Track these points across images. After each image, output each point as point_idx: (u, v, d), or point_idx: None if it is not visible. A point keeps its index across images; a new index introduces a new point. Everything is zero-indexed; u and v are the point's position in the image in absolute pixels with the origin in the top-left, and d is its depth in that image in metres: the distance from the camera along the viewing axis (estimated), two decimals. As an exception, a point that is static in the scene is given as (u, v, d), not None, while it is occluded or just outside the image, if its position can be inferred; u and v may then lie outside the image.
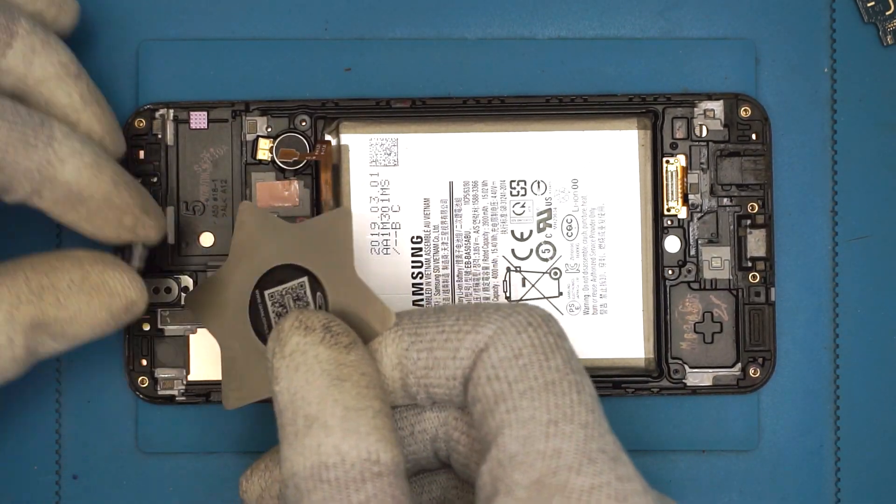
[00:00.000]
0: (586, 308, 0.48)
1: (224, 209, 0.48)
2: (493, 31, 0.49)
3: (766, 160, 0.48)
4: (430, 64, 0.49)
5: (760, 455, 0.49)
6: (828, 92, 0.49)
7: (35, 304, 0.41)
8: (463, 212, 0.48)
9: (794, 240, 0.49)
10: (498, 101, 0.48)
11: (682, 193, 0.48)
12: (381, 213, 0.48)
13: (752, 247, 0.48)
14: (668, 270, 0.48)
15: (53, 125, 0.41)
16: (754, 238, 0.48)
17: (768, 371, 0.48)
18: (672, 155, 0.48)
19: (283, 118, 0.48)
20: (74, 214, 0.42)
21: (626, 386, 0.48)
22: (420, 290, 0.48)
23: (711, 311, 0.48)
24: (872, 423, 0.49)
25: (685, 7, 0.49)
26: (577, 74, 0.49)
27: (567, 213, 0.48)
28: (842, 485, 0.49)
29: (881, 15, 0.49)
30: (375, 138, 0.48)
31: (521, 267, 0.48)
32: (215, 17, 0.49)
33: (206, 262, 0.48)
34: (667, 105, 0.48)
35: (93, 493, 0.49)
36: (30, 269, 0.42)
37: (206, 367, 0.48)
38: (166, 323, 0.48)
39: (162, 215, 0.45)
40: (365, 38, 0.49)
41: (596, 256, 0.48)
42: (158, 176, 0.48)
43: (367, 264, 0.48)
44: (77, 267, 0.42)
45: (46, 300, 0.41)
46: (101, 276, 0.42)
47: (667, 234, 0.48)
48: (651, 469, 0.49)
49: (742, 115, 0.48)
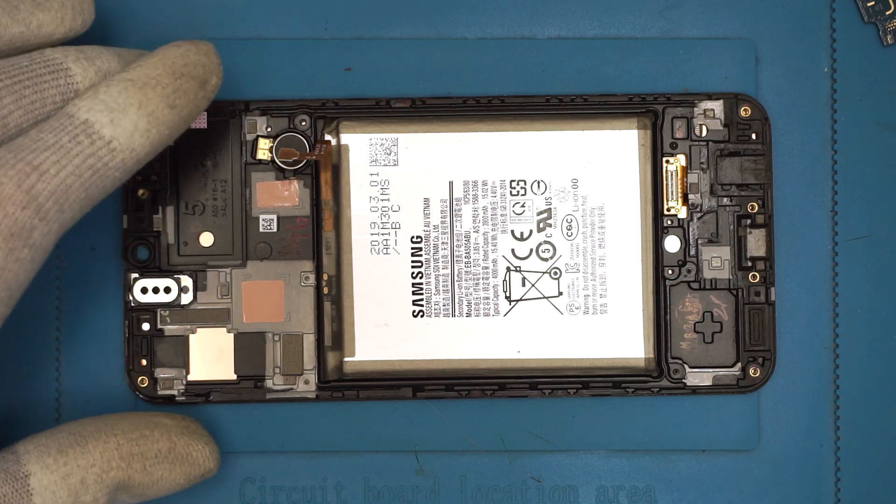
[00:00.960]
0: (586, 308, 0.48)
1: (224, 209, 0.48)
2: (493, 31, 0.49)
3: (766, 160, 0.48)
4: (430, 64, 0.49)
5: (760, 455, 0.49)
6: (828, 92, 0.49)
7: (124, 471, 0.44)
8: (463, 211, 0.48)
9: (793, 240, 0.49)
10: (498, 100, 0.48)
11: (681, 193, 0.48)
12: (380, 213, 0.48)
13: (752, 246, 0.48)
14: (667, 270, 0.48)
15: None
16: (754, 238, 0.48)
17: (768, 371, 0.48)
18: (672, 155, 0.48)
19: (282, 118, 0.48)
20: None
21: (626, 386, 0.48)
22: (420, 289, 0.48)
23: (711, 311, 0.48)
24: (872, 423, 0.49)
25: (685, 7, 0.49)
26: (577, 74, 0.49)
27: (567, 212, 0.48)
28: (842, 485, 0.49)
29: (881, 15, 0.49)
30: (375, 138, 0.48)
31: (520, 267, 0.48)
32: (215, 17, 0.49)
33: (205, 261, 0.48)
34: (666, 105, 0.48)
35: None
36: (121, 434, 0.44)
37: (206, 368, 0.48)
38: (166, 323, 0.48)
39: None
40: (365, 38, 0.49)
41: (596, 256, 0.48)
42: (158, 175, 0.48)
43: (367, 264, 0.48)
44: (165, 437, 0.45)
45: (134, 467, 0.44)
46: (187, 448, 0.45)
47: (667, 233, 0.48)
48: (651, 469, 0.49)
49: (742, 114, 0.48)
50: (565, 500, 0.49)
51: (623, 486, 0.49)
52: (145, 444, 0.44)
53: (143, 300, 0.48)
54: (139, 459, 0.44)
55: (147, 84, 0.41)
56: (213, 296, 0.48)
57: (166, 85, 0.41)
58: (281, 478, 0.49)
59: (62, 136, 0.40)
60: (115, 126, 0.40)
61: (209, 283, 0.48)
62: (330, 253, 0.48)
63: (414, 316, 0.48)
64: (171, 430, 0.45)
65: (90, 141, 0.40)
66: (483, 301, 0.48)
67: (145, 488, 0.44)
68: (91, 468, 0.43)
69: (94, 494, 0.43)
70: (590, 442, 0.49)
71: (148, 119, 0.41)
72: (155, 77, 0.41)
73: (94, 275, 0.49)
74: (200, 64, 0.43)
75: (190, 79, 0.42)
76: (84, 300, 0.49)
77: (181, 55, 0.42)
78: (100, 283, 0.49)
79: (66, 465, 0.42)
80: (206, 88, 0.43)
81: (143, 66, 0.42)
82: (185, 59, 0.42)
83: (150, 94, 0.41)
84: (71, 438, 0.43)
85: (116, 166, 0.40)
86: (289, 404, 0.49)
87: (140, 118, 0.41)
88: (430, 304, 0.48)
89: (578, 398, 0.48)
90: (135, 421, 0.45)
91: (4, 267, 0.38)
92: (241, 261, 0.48)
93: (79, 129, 0.40)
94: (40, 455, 0.43)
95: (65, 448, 0.43)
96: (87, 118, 0.40)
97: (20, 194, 0.38)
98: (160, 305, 0.48)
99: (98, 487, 0.43)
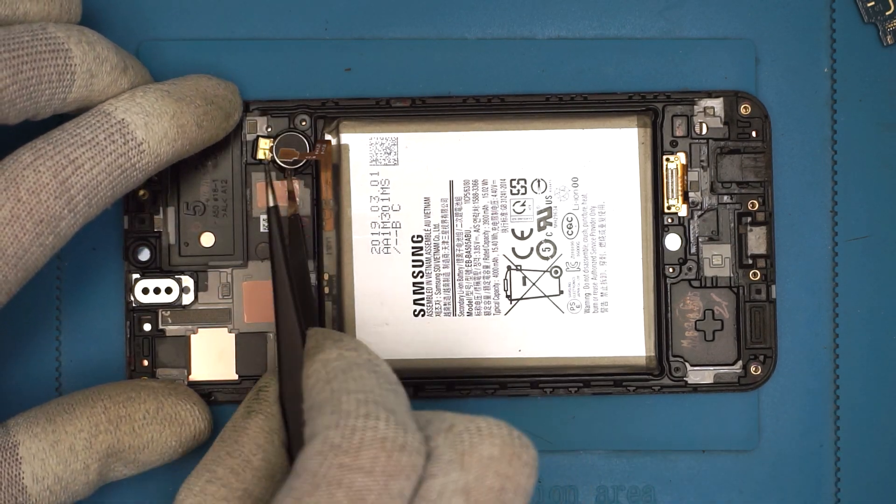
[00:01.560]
0: (587, 306, 0.48)
1: (224, 209, 0.48)
2: (493, 31, 0.49)
3: (766, 157, 0.48)
4: (430, 64, 0.49)
5: (760, 455, 0.49)
6: (828, 92, 0.49)
7: (112, 434, 0.44)
8: (463, 211, 0.48)
9: (793, 240, 0.49)
10: (498, 99, 0.48)
11: (682, 191, 0.48)
12: (381, 213, 0.48)
13: (753, 244, 0.48)
14: (668, 268, 0.48)
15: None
16: (755, 235, 0.48)
17: (769, 368, 0.48)
18: (672, 153, 0.48)
19: (282, 118, 0.48)
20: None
21: (628, 384, 0.48)
22: (421, 289, 0.48)
23: (712, 309, 0.48)
24: (872, 423, 0.49)
25: (685, 7, 0.49)
26: (577, 75, 0.49)
27: (567, 211, 0.48)
28: (842, 485, 0.49)
29: (881, 15, 0.49)
30: (375, 137, 0.48)
31: (521, 265, 0.48)
32: (215, 17, 0.49)
33: (206, 262, 0.48)
34: (666, 103, 0.48)
35: (92, 492, 0.49)
36: (108, 398, 0.44)
37: (208, 368, 0.48)
38: (167, 323, 0.48)
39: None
40: (365, 38, 0.49)
41: (596, 254, 0.48)
42: (159, 176, 0.48)
43: (368, 264, 0.48)
44: (152, 398, 0.45)
45: (123, 430, 0.44)
46: (175, 408, 0.45)
47: (667, 231, 0.48)
48: (651, 469, 0.49)
49: (742, 112, 0.48)
50: (565, 500, 0.49)
51: (623, 486, 0.49)
52: (132, 406, 0.44)
53: (144, 301, 0.48)
54: (127, 421, 0.44)
55: (182, 99, 0.43)
56: (215, 296, 0.48)
57: (199, 105, 0.44)
58: (281, 478, 0.49)
59: (99, 134, 0.41)
60: (148, 129, 0.42)
61: (210, 284, 0.48)
62: (330, 252, 0.48)
63: (415, 315, 0.48)
64: (157, 391, 0.45)
65: (124, 141, 0.42)
66: (484, 300, 0.48)
67: (136, 451, 0.44)
68: (79, 433, 0.43)
69: (84, 461, 0.43)
70: (590, 442, 0.49)
71: (178, 130, 0.43)
72: (189, 96, 0.44)
73: (96, 276, 0.49)
74: (227, 99, 0.46)
75: (218, 108, 0.45)
76: (85, 301, 0.49)
77: (213, 86, 0.45)
78: (101, 284, 0.49)
79: (54, 433, 0.43)
80: (228, 121, 0.46)
81: (179, 84, 0.44)
82: (216, 90, 0.45)
83: (183, 109, 0.43)
84: (59, 408, 0.44)
85: (141, 168, 0.42)
86: (289, 404, 0.49)
87: (171, 127, 0.43)
88: (431, 303, 0.48)
89: (578, 397, 0.48)
90: (121, 385, 0.45)
91: (28, 250, 0.40)
92: (242, 261, 0.48)
93: (115, 129, 0.42)
94: (29, 425, 0.43)
95: (52, 416, 0.43)
96: (123, 118, 0.42)
97: (55, 184, 0.40)
98: (161, 306, 0.48)
99: (88, 453, 0.43)
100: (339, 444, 0.36)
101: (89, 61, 0.42)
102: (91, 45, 0.43)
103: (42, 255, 0.41)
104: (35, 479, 0.42)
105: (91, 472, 0.43)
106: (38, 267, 0.41)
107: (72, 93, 0.42)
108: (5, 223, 0.40)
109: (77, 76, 0.42)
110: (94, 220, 0.47)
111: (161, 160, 0.43)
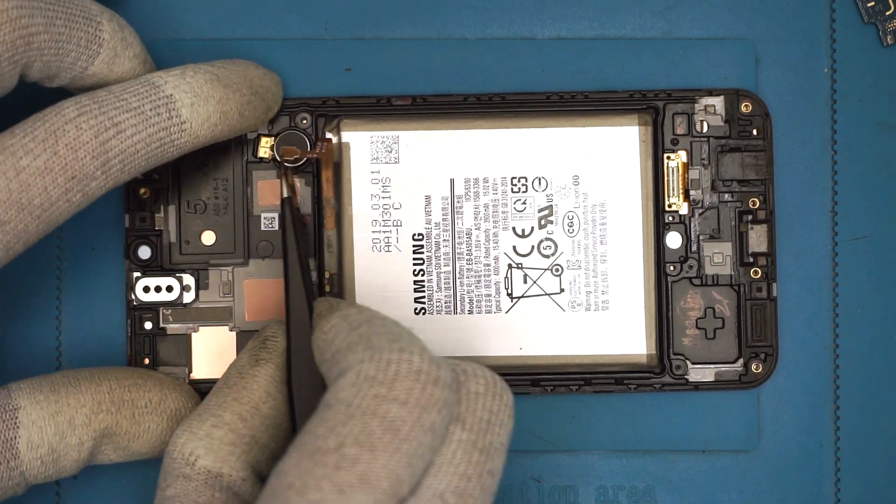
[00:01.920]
0: (588, 304, 0.48)
1: (225, 208, 0.48)
2: (493, 31, 0.49)
3: (767, 155, 0.48)
4: (430, 65, 0.49)
5: (760, 455, 0.49)
6: (828, 92, 0.49)
7: (113, 415, 0.44)
8: (464, 209, 0.48)
9: (794, 239, 0.49)
10: (499, 98, 0.48)
11: (683, 189, 0.48)
12: (382, 211, 0.48)
13: (754, 242, 0.48)
14: (669, 266, 0.48)
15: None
16: (755, 233, 0.48)
17: (770, 366, 0.48)
18: (673, 151, 0.48)
19: (283, 116, 0.48)
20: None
21: (629, 382, 0.48)
22: (422, 287, 0.48)
23: (713, 307, 0.48)
24: (872, 423, 0.49)
25: (685, 7, 0.49)
26: (577, 75, 0.49)
27: (568, 209, 0.48)
28: (842, 485, 0.49)
29: (881, 15, 0.49)
30: (376, 136, 0.48)
31: (522, 264, 0.48)
32: (215, 17, 0.49)
33: (207, 260, 0.48)
34: (667, 101, 0.48)
35: (93, 492, 0.49)
36: (114, 380, 0.44)
37: (209, 366, 0.48)
38: (168, 322, 0.48)
39: None
40: (365, 38, 0.49)
41: (597, 253, 0.48)
42: (160, 174, 0.48)
43: (369, 262, 0.48)
44: (157, 388, 0.45)
45: (123, 413, 0.44)
46: (177, 403, 0.45)
47: (668, 230, 0.48)
48: (651, 469, 0.49)
49: (743, 110, 0.48)
50: (565, 500, 0.49)
51: (623, 486, 0.49)
52: (137, 392, 0.44)
53: (145, 299, 0.48)
54: (129, 406, 0.44)
55: (230, 86, 0.44)
56: (215, 294, 0.48)
57: (244, 94, 0.44)
58: (282, 478, 0.49)
59: (145, 103, 0.41)
60: (193, 110, 0.42)
61: (211, 282, 0.48)
62: (331, 251, 0.48)
63: (416, 313, 0.48)
64: (164, 383, 0.45)
65: (168, 115, 0.42)
66: (485, 298, 0.48)
67: (131, 439, 0.44)
68: (81, 408, 0.43)
69: (80, 437, 0.43)
70: (590, 442, 0.49)
71: (221, 115, 0.43)
72: (236, 83, 0.44)
73: (96, 274, 0.49)
74: (271, 91, 0.46)
75: (261, 99, 0.45)
76: (86, 299, 0.49)
77: (259, 76, 0.46)
78: (102, 283, 0.49)
79: (56, 403, 0.43)
80: (268, 113, 0.47)
81: (228, 69, 0.44)
82: (262, 81, 0.46)
83: (229, 95, 0.43)
84: (64, 379, 0.44)
85: (179, 146, 0.42)
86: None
87: (215, 112, 0.43)
88: (432, 301, 0.48)
89: (579, 396, 0.48)
90: (129, 370, 0.45)
91: (55, 204, 0.40)
92: (243, 259, 0.48)
93: (161, 102, 0.42)
94: (31, 391, 0.43)
95: (57, 387, 0.43)
96: (172, 94, 0.42)
97: (95, 144, 0.40)
98: (162, 304, 0.48)
99: (85, 430, 0.43)
100: (374, 376, 0.36)
101: (116, 41, 0.43)
102: (121, 28, 0.43)
103: (67, 211, 0.41)
104: (30, 445, 0.42)
105: (84, 450, 0.43)
106: (59, 222, 0.41)
107: (94, 65, 0.42)
108: (38, 174, 0.40)
109: (103, 49, 0.42)
110: (95, 218, 0.48)
111: (199, 142, 0.43)
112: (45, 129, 0.40)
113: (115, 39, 0.43)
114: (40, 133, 0.40)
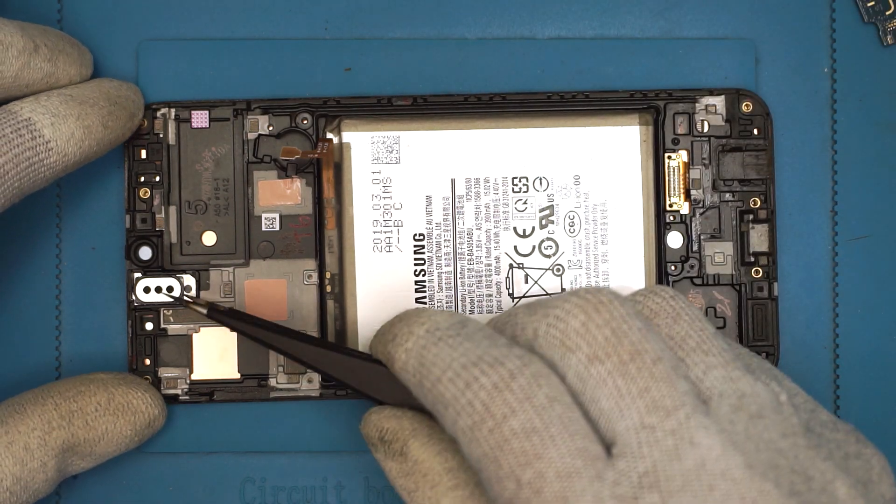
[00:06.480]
0: (589, 304, 0.48)
1: (226, 208, 0.48)
2: (493, 31, 0.49)
3: (767, 155, 0.48)
4: (430, 65, 0.49)
5: (761, 455, 0.49)
6: (828, 92, 0.49)
7: (66, 429, 0.44)
8: (465, 209, 0.48)
9: (794, 239, 0.49)
10: (499, 98, 0.48)
11: (684, 189, 0.48)
12: (383, 211, 0.48)
13: (755, 242, 0.48)
14: (670, 266, 0.48)
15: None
16: (756, 233, 0.48)
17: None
18: (674, 150, 0.48)
19: (284, 116, 0.48)
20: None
21: (630, 382, 0.48)
22: (423, 287, 0.48)
23: (714, 307, 0.48)
24: (872, 423, 0.49)
25: (685, 7, 0.49)
26: (577, 75, 0.49)
27: (569, 209, 0.48)
28: (843, 485, 0.49)
29: (881, 15, 0.49)
30: (377, 136, 0.48)
31: (523, 263, 0.48)
32: (215, 17, 0.49)
33: (208, 261, 0.48)
34: (668, 101, 0.48)
35: (93, 492, 0.49)
36: (58, 395, 0.45)
37: (210, 366, 0.48)
38: (169, 322, 0.48)
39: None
40: (365, 38, 0.49)
41: (598, 252, 0.48)
42: (160, 175, 0.48)
43: (370, 263, 0.48)
44: (102, 389, 0.46)
45: (76, 424, 0.44)
46: (126, 397, 0.46)
47: (669, 229, 0.48)
48: (653, 468, 0.49)
49: (744, 109, 0.48)
50: (567, 500, 0.49)
51: (624, 486, 0.49)
52: (83, 400, 0.45)
53: (146, 299, 0.48)
54: (79, 415, 0.44)
55: (86, 101, 0.44)
56: (217, 295, 0.48)
57: (102, 107, 0.45)
58: (281, 478, 0.49)
59: (5, 128, 0.42)
60: (54, 129, 0.43)
61: (212, 282, 0.48)
62: (332, 251, 0.48)
63: (417, 313, 0.48)
64: (107, 382, 0.46)
65: (31, 136, 0.42)
66: (486, 298, 0.48)
67: (93, 444, 0.45)
68: (32, 432, 0.43)
69: (40, 459, 0.43)
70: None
71: (84, 131, 0.44)
72: (92, 98, 0.45)
73: (97, 275, 0.49)
74: (130, 99, 0.46)
75: (122, 108, 0.46)
76: (86, 300, 0.49)
77: (115, 87, 0.46)
78: (102, 283, 0.49)
79: (7, 434, 0.43)
80: (132, 121, 0.47)
81: (82, 88, 0.45)
82: (119, 91, 0.46)
83: (88, 110, 0.44)
84: (9, 409, 0.44)
85: (49, 166, 0.43)
86: (292, 403, 0.49)
87: (77, 128, 0.44)
88: (433, 301, 0.48)
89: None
90: (70, 381, 0.46)
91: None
92: (244, 260, 0.48)
93: (21, 125, 0.42)
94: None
95: (4, 418, 0.44)
96: (29, 117, 0.43)
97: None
98: (163, 305, 0.48)
99: (43, 451, 0.43)
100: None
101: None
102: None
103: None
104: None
105: (49, 469, 0.44)
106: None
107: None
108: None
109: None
110: (96, 219, 0.48)
111: (69, 160, 0.44)
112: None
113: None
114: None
